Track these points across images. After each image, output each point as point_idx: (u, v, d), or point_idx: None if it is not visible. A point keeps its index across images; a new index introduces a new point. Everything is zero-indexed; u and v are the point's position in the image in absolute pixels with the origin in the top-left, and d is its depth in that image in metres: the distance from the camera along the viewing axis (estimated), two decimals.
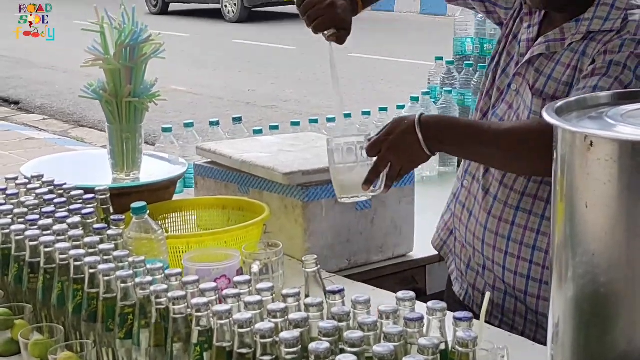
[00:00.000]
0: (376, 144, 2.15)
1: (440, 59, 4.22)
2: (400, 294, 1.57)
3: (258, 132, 3.35)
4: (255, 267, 2.22)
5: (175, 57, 14.23)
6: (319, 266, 1.91)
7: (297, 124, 3.50)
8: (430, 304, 1.50)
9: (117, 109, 2.60)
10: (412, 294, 1.55)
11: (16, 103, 11.15)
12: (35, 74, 12.39)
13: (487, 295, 1.72)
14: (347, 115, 3.68)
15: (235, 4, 18.66)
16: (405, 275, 2.82)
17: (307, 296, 1.80)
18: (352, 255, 2.73)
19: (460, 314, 1.44)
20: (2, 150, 8.38)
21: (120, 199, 2.55)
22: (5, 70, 12.78)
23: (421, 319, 1.45)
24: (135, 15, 2.59)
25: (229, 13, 18.79)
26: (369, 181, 2.16)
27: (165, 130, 3.25)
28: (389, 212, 2.76)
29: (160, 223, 2.63)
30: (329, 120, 3.60)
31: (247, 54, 14.61)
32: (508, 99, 2.31)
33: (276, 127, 3.45)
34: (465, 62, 4.13)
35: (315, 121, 3.56)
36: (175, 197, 3.16)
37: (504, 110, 2.32)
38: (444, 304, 1.49)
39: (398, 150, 2.13)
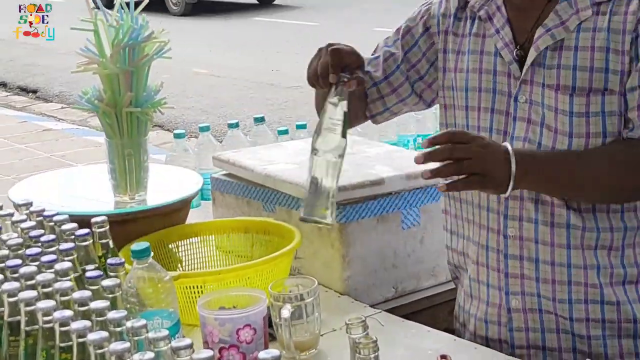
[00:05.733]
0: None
1: None
2: None
3: (283, 132, 2.94)
4: (286, 313, 1.85)
5: (196, 40, 13.90)
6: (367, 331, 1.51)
7: None
8: None
9: (117, 121, 2.19)
10: None
11: (34, 92, 10.84)
12: (54, 61, 12.03)
13: None
14: None
15: None
16: None
17: None
18: (400, 282, 2.32)
19: None
20: (19, 143, 8.10)
21: (125, 226, 2.19)
22: (23, 57, 12.43)
23: None
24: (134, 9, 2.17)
25: None
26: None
27: (177, 136, 2.84)
28: (441, 228, 2.34)
29: (173, 249, 2.25)
30: None
31: (270, 33, 14.22)
32: (521, 115, 1.96)
33: (303, 127, 3.04)
34: None
35: None
36: (192, 213, 2.78)
37: (523, 128, 1.96)
38: None
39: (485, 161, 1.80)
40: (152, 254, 1.74)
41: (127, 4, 2.21)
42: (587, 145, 1.87)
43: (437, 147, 1.79)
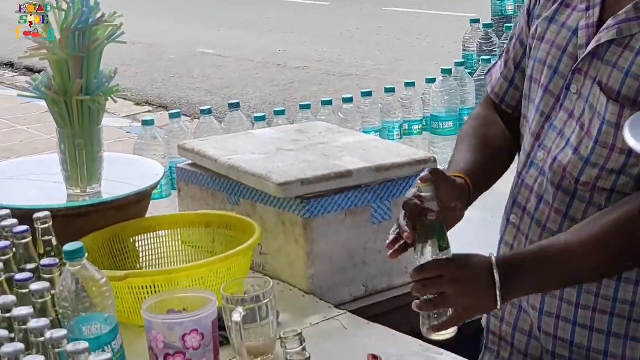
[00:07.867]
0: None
1: (477, 21, 3.64)
2: None
3: (260, 119, 2.81)
4: (237, 316, 1.72)
5: (202, 18, 13.76)
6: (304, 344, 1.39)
7: (308, 107, 2.96)
8: None
9: (67, 110, 2.07)
10: None
11: (39, 72, 10.73)
12: None
13: None
14: (367, 94, 3.13)
15: None
16: None
17: None
18: (370, 280, 2.19)
19: None
20: (20, 124, 7.97)
21: (77, 221, 2.06)
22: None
23: None
24: None
25: None
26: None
27: (146, 123, 2.72)
28: None
29: (131, 244, 2.13)
30: (345, 101, 3.05)
31: (278, 12, 14.07)
32: (567, 105, 1.75)
33: (282, 112, 2.92)
34: (505, 25, 3.54)
35: (329, 102, 3.01)
36: (161, 204, 2.67)
37: (563, 120, 1.76)
38: None
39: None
40: (86, 254, 1.61)
41: None
42: (609, 159, 1.67)
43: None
